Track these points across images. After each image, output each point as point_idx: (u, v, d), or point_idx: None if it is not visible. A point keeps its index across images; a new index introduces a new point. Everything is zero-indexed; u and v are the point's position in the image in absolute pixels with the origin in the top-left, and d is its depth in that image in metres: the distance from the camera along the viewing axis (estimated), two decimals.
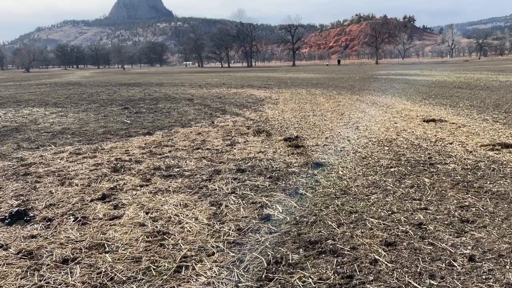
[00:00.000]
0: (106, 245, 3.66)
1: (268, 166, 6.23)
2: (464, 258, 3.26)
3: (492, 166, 5.92)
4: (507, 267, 3.11)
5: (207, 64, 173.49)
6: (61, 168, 6.37)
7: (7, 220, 4.26)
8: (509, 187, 4.97)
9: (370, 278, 3.01)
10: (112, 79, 42.59)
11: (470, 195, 4.73)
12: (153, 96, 19.80)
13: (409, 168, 5.96)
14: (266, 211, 4.39)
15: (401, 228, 3.86)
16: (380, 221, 4.04)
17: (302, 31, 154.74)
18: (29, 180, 5.76)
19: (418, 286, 2.89)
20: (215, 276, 3.11)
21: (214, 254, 3.45)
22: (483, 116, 10.92)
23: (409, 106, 13.39)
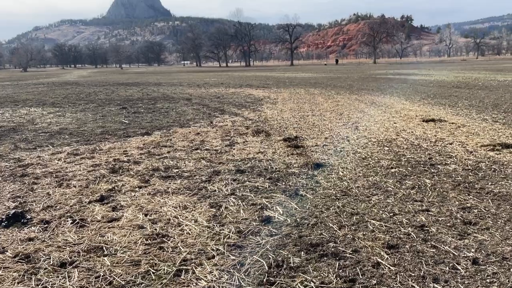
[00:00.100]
0: (104, 248, 3.61)
1: (267, 167, 6.19)
2: (468, 261, 3.22)
3: (493, 167, 5.88)
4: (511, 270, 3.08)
5: (205, 63, 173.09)
6: (58, 169, 6.31)
7: (4, 222, 4.20)
8: (511, 188, 4.93)
9: (373, 282, 2.97)
10: (110, 79, 42.45)
11: (471, 196, 4.69)
12: (151, 96, 19.72)
13: (409, 168, 5.92)
14: (266, 213, 4.35)
15: (403, 230, 3.82)
16: (381, 223, 3.99)
17: (300, 30, 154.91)
18: (26, 181, 5.70)
19: None
20: (216, 280, 3.06)
21: (214, 257, 3.40)
22: (482, 116, 10.90)
23: (408, 106, 13.37)
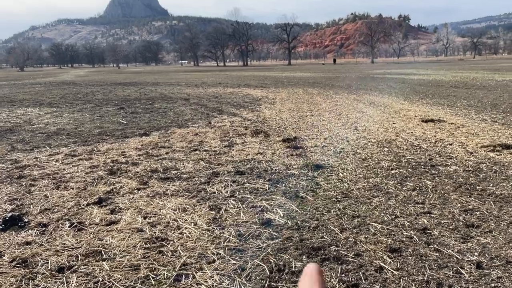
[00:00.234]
0: (103, 252, 3.56)
1: (267, 168, 6.14)
2: (472, 265, 3.18)
3: (494, 168, 5.85)
4: None
5: (203, 63, 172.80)
6: (56, 171, 6.24)
7: (1, 225, 4.14)
8: None
9: (377, 287, 2.92)
10: (107, 78, 42.30)
11: (473, 198, 4.66)
12: (149, 96, 19.64)
13: (410, 170, 5.89)
14: (266, 215, 4.30)
15: (405, 233, 3.78)
16: (383, 225, 3.95)
17: (297, 30, 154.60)
18: (23, 183, 5.63)
19: None
20: (216, 285, 3.01)
21: (214, 261, 3.35)
22: (481, 116, 10.88)
23: (406, 106, 13.34)
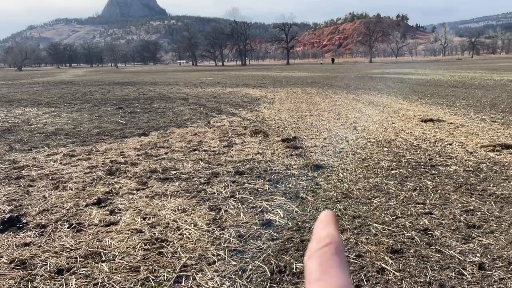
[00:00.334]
0: (102, 253, 3.53)
1: (266, 168, 6.11)
2: (474, 266, 3.16)
3: (494, 168, 5.84)
4: None
5: (201, 62, 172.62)
6: (54, 171, 6.20)
7: None
8: None
9: None
10: (105, 78, 42.20)
11: (474, 199, 4.64)
12: (147, 96, 19.58)
13: (410, 170, 5.87)
14: (267, 216, 4.28)
15: (406, 234, 3.76)
16: (384, 226, 3.94)
17: (296, 29, 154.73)
18: (21, 184, 5.60)
19: None
20: (217, 286, 2.99)
21: (215, 263, 3.33)
22: (480, 115, 10.87)
23: (405, 106, 13.33)
